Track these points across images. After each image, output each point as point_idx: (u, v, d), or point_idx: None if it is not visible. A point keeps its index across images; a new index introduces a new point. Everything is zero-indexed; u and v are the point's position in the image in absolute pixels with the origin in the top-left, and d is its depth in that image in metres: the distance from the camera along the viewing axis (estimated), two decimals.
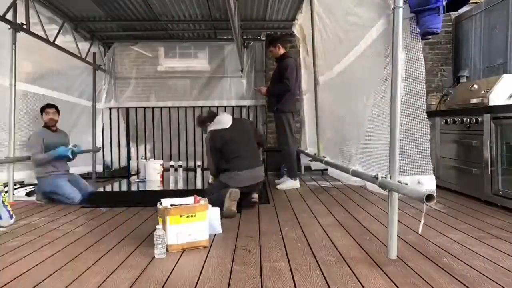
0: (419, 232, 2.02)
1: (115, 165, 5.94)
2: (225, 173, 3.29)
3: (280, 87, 4.33)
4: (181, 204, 2.31)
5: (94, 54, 5.47)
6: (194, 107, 5.93)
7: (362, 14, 2.60)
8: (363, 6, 2.57)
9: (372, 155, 2.40)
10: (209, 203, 2.39)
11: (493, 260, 2.00)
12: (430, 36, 2.02)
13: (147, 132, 5.98)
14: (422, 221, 1.91)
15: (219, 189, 3.17)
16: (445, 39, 5.41)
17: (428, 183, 1.95)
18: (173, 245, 2.22)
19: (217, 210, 2.61)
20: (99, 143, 5.67)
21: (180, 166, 4.87)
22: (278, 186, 4.40)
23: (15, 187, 3.89)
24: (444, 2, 1.91)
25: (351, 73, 3.00)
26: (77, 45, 4.99)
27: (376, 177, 2.10)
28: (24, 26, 3.77)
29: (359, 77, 2.79)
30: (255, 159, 3.43)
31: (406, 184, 1.89)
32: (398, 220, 2.00)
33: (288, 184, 4.39)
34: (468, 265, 1.93)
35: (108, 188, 4.47)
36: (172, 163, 4.96)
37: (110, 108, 5.90)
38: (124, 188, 4.54)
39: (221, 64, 6.04)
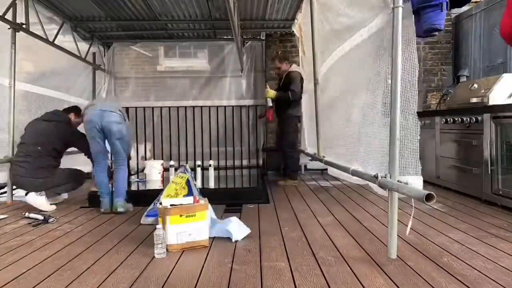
0: (407, 234, 2.02)
1: None
2: None
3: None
4: (181, 204, 2.31)
5: (94, 54, 5.47)
6: (194, 107, 5.92)
7: (356, 14, 2.61)
8: (359, 5, 2.57)
9: (370, 154, 2.40)
10: None
11: (493, 259, 2.00)
12: (437, 33, 2.00)
13: (147, 132, 5.97)
14: (410, 223, 1.91)
15: None
16: (445, 38, 5.41)
17: (416, 184, 1.94)
18: (173, 245, 2.22)
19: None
20: None
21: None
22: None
23: (14, 187, 3.88)
24: None
25: (347, 72, 3.00)
26: (76, 45, 4.99)
27: (375, 177, 2.09)
28: (24, 26, 3.77)
29: (354, 76, 2.79)
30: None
31: (406, 183, 1.89)
32: (398, 220, 2.00)
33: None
34: (468, 265, 1.93)
35: None
36: (172, 162, 4.95)
37: None
38: None
39: (221, 64, 6.03)
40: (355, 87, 2.72)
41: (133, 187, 4.43)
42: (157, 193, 3.00)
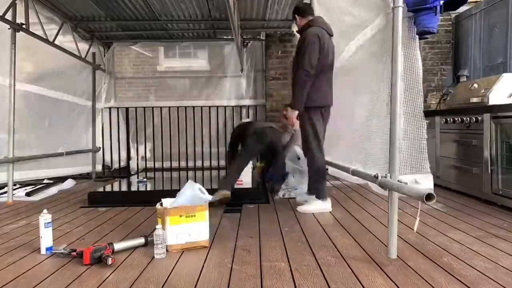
0: (415, 230, 2.01)
1: (115, 165, 5.94)
2: None
3: (296, 77, 3.03)
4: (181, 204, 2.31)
5: (94, 54, 5.47)
6: (194, 107, 5.92)
7: (358, 14, 2.60)
8: (360, 5, 2.57)
9: (372, 154, 2.40)
10: None
11: (493, 259, 1.99)
12: (428, 36, 2.02)
13: (147, 132, 5.97)
14: (418, 219, 1.91)
15: None
16: (445, 38, 5.41)
17: (426, 182, 1.95)
18: (173, 245, 2.21)
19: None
20: (99, 143, 5.67)
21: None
22: (300, 208, 3.18)
23: (14, 187, 3.89)
24: (442, 2, 1.91)
25: (348, 72, 2.99)
26: (76, 45, 4.98)
27: (376, 177, 2.09)
28: (24, 26, 3.77)
29: (356, 76, 2.79)
30: None
31: (406, 183, 1.89)
32: (398, 220, 2.00)
33: (315, 207, 3.15)
34: (468, 265, 1.93)
35: (108, 188, 4.47)
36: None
37: (110, 108, 5.89)
38: (124, 188, 4.53)
39: (221, 64, 6.03)
40: (359, 87, 2.72)
41: (133, 187, 4.45)
42: (156, 193, 3.00)
